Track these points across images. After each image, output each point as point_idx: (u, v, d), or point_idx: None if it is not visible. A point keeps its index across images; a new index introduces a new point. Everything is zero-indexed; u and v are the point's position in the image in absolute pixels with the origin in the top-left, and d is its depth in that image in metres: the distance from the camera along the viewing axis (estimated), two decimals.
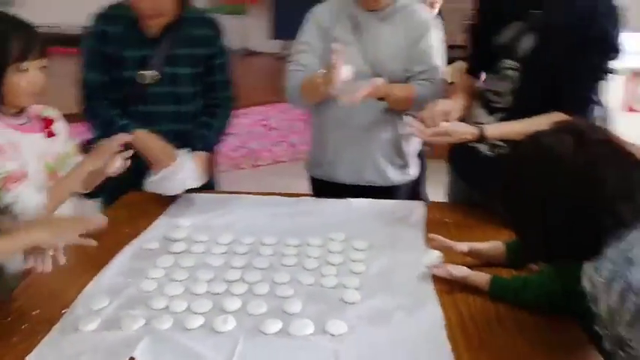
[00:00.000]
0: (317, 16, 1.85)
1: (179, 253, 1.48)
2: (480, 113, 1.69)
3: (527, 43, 1.56)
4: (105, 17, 1.79)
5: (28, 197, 1.34)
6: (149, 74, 1.77)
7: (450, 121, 1.58)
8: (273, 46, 5.82)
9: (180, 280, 1.35)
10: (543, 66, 1.53)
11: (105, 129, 1.73)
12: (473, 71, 1.80)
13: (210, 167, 1.90)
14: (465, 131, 1.55)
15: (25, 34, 1.33)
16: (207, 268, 1.40)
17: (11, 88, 1.32)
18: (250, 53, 5.91)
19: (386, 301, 1.26)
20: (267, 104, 4.40)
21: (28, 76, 1.33)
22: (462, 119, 1.65)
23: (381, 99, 1.76)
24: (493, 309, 1.24)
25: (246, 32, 5.88)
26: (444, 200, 1.94)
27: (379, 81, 1.68)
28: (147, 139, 1.72)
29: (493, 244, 1.42)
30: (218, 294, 1.29)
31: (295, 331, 1.15)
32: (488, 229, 1.60)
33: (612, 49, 1.47)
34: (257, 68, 5.65)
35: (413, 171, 2.00)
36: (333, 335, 1.14)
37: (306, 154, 2.10)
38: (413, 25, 1.81)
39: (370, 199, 1.82)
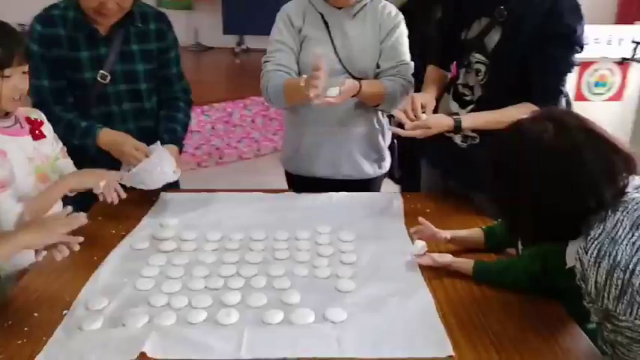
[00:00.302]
0: (287, 14, 1.86)
1: (170, 251, 1.50)
2: (453, 106, 1.78)
3: (494, 37, 1.65)
4: (46, 20, 1.71)
5: (7, 207, 1.33)
6: (106, 73, 1.75)
7: (427, 113, 1.65)
8: (228, 41, 5.80)
9: (177, 278, 1.37)
10: (510, 60, 1.63)
11: (68, 132, 1.70)
12: (441, 64, 1.88)
13: (179, 163, 1.88)
14: (444, 123, 1.62)
15: (9, 39, 1.30)
16: (201, 264, 1.43)
17: None
18: (205, 49, 5.86)
19: (379, 289, 1.32)
20: (228, 100, 4.39)
21: (10, 83, 1.32)
22: (434, 111, 1.74)
23: (353, 95, 1.81)
24: (478, 291, 1.33)
25: (197, 27, 5.82)
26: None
27: (349, 82, 1.73)
28: (117, 140, 1.71)
29: (472, 231, 1.52)
30: (216, 289, 1.32)
31: (297, 320, 1.20)
32: (465, 215, 1.71)
33: (577, 44, 1.59)
34: (214, 64, 5.60)
35: (387, 164, 2.07)
36: (334, 322, 1.20)
37: (269, 149, 2.14)
38: (382, 21, 1.87)
39: (349, 193, 1.89)
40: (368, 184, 2.02)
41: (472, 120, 1.65)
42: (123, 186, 1.60)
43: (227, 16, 5.45)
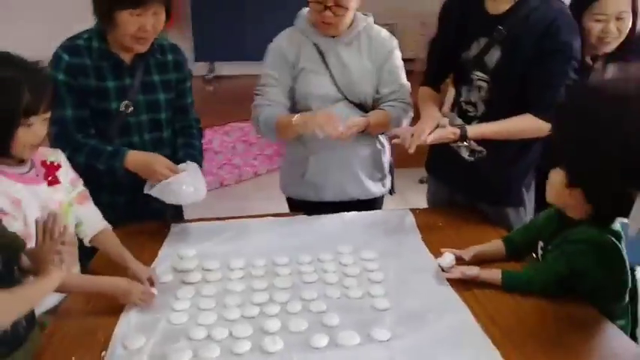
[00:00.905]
0: (280, 49, 1.88)
1: (197, 282, 1.48)
2: (458, 122, 1.82)
3: (494, 56, 1.72)
4: (73, 49, 1.70)
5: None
6: (131, 103, 1.75)
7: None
8: (198, 69, 5.79)
9: (210, 309, 1.35)
10: (511, 76, 1.70)
11: (92, 157, 1.68)
12: (434, 84, 1.94)
13: None
14: (449, 131, 1.68)
15: (40, 84, 1.25)
16: (231, 293, 1.42)
17: (15, 143, 1.25)
18: None
19: (414, 305, 1.35)
20: (206, 128, 4.37)
21: (32, 130, 1.27)
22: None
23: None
24: (511, 299, 1.37)
25: None
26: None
27: (358, 120, 1.80)
28: (148, 160, 1.69)
29: (492, 244, 1.56)
30: (253, 317, 1.32)
31: (344, 342, 1.21)
32: (476, 226, 1.76)
33: (574, 58, 1.67)
34: None
35: (388, 182, 2.11)
36: (380, 342, 1.21)
37: (250, 174, 2.12)
38: (377, 46, 1.91)
39: (359, 212, 1.91)
40: (373, 204, 2.05)
41: (477, 129, 1.70)
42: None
43: (197, 43, 5.44)
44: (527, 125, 1.68)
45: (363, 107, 1.92)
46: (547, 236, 1.44)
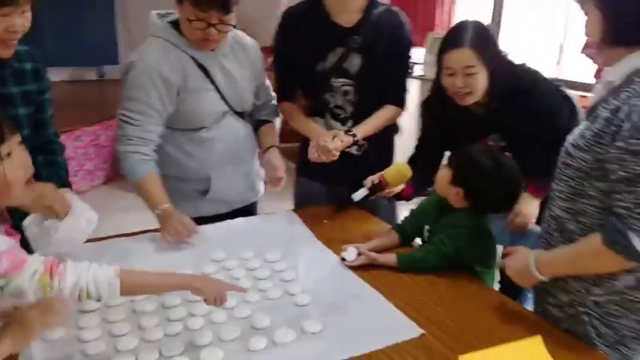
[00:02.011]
0: (158, 71, 1.72)
1: (97, 309, 1.35)
2: (335, 125, 1.99)
3: (355, 62, 1.92)
4: None
5: None
6: None
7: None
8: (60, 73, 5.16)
9: (127, 333, 1.27)
10: (372, 78, 1.93)
11: None
12: (291, 98, 2.06)
13: None
14: (345, 138, 1.85)
15: None
16: (144, 314, 1.34)
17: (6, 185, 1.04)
18: None
19: (331, 296, 1.43)
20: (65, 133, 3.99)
21: (15, 160, 1.05)
22: None
23: None
24: (407, 278, 1.54)
25: None
26: None
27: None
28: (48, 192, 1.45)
29: (387, 234, 1.74)
30: (178, 334, 1.27)
31: (281, 340, 1.24)
32: (357, 219, 1.93)
33: (410, 57, 2.02)
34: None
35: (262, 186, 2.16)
36: (314, 333, 1.27)
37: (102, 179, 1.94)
38: (251, 54, 1.95)
39: (244, 218, 1.94)
40: (251, 209, 2.10)
41: (362, 129, 1.90)
42: None
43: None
44: (391, 114, 1.99)
45: (243, 115, 1.95)
46: (431, 221, 1.66)
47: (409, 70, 2.04)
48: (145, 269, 1.24)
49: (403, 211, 1.97)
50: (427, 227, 1.67)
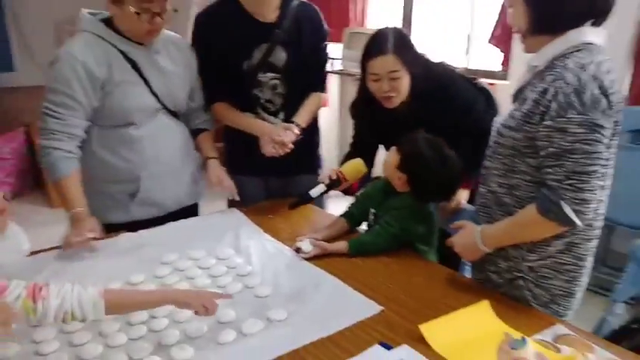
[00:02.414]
0: (82, 63, 1.68)
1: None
2: (268, 118, 2.04)
3: (280, 57, 1.98)
4: None
5: None
6: None
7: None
8: None
9: (86, 342, 1.24)
10: (299, 70, 2.01)
11: None
12: (222, 98, 2.06)
13: None
14: (293, 130, 1.91)
15: None
16: (105, 322, 1.32)
17: None
18: None
19: (290, 285, 1.48)
20: None
21: None
22: None
23: None
24: (359, 261, 1.62)
25: None
26: None
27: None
28: None
29: (336, 222, 1.82)
30: (142, 336, 1.26)
31: (250, 330, 1.27)
32: (300, 210, 1.96)
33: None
34: None
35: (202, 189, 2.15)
36: (280, 321, 1.31)
37: None
38: (191, 59, 1.95)
39: (188, 218, 1.94)
40: (192, 210, 2.07)
41: (299, 119, 1.98)
42: None
43: None
44: (317, 100, 2.10)
45: (176, 115, 1.94)
46: (377, 204, 1.75)
47: (327, 58, 2.16)
48: (97, 276, 1.21)
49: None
50: (372, 210, 1.77)
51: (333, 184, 1.82)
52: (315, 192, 1.81)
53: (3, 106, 4.87)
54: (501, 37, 3.65)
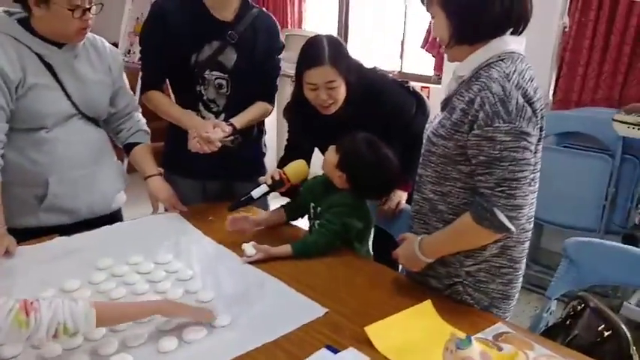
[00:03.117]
0: None
1: None
2: (209, 116, 2.00)
3: (230, 57, 1.95)
4: None
5: None
6: None
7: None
8: None
9: (18, 355, 1.17)
10: (249, 73, 1.98)
11: None
12: (159, 87, 2.03)
13: None
14: (226, 128, 1.88)
15: None
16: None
17: None
18: None
19: (234, 289, 1.45)
20: None
21: None
22: None
23: None
24: (302, 264, 1.62)
25: None
26: None
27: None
28: None
29: (274, 213, 1.88)
30: (79, 346, 1.19)
31: (192, 337, 1.23)
32: (241, 213, 1.91)
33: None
34: None
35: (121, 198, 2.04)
36: (224, 326, 1.28)
37: None
38: (111, 61, 1.86)
39: (124, 222, 1.88)
40: (117, 216, 1.99)
41: (240, 120, 1.95)
42: None
43: None
44: (263, 110, 2.07)
45: (96, 121, 1.86)
46: (318, 199, 1.78)
47: (279, 71, 2.12)
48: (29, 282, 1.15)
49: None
50: (313, 204, 1.80)
51: (275, 185, 1.81)
52: (257, 193, 1.79)
53: None
54: (434, 43, 3.77)
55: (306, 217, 1.89)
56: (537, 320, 1.56)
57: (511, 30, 1.32)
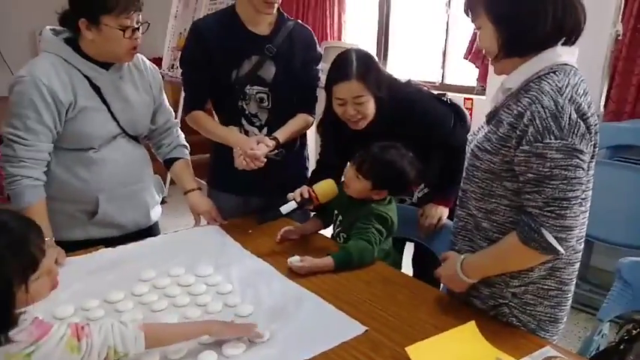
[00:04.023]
0: (48, 87, 1.63)
1: None
2: (252, 130, 2.02)
3: (270, 70, 1.97)
4: None
5: None
6: None
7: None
8: None
9: None
10: (289, 86, 1.99)
11: None
12: (202, 107, 2.05)
13: None
14: (269, 143, 1.88)
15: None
16: None
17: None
18: None
19: (272, 303, 1.45)
20: None
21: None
22: None
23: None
24: (340, 278, 1.60)
25: None
26: None
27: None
28: None
29: (310, 222, 1.90)
30: None
31: (232, 352, 1.23)
32: (281, 225, 1.93)
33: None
34: None
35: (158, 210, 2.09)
36: (263, 342, 1.27)
37: None
38: (152, 79, 1.90)
39: (166, 235, 1.91)
40: (154, 229, 2.03)
41: (281, 135, 1.96)
42: None
43: None
44: (304, 122, 2.06)
45: (137, 139, 1.91)
46: (343, 207, 1.83)
47: (318, 82, 2.11)
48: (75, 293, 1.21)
49: None
50: (336, 212, 1.84)
51: (304, 203, 1.80)
52: (285, 209, 1.78)
53: None
54: (477, 53, 3.70)
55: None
56: (588, 343, 1.48)
57: (563, 40, 1.26)
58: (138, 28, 1.67)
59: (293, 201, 1.79)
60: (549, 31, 1.23)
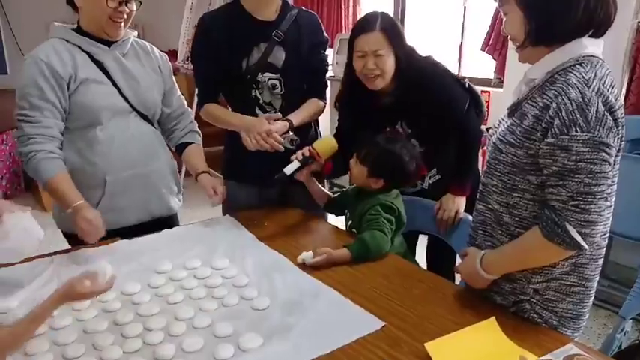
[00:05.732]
0: (47, 64, 1.66)
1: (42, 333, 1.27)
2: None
3: (279, 56, 1.96)
4: None
5: None
6: None
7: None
8: None
9: (81, 355, 1.19)
10: (299, 70, 1.99)
11: None
12: (215, 99, 2.05)
13: None
14: (283, 124, 1.89)
15: None
16: (95, 334, 1.27)
17: None
18: None
19: (289, 296, 1.44)
20: None
21: None
22: None
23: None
24: (355, 271, 1.59)
25: None
26: None
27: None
28: None
29: (321, 192, 1.93)
30: (138, 350, 1.21)
31: (249, 345, 1.22)
32: (294, 216, 1.96)
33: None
34: None
35: (181, 196, 2.08)
36: (281, 334, 1.26)
37: None
38: (161, 63, 1.91)
39: (181, 227, 1.89)
40: (173, 220, 2.02)
41: (297, 116, 1.96)
42: None
43: None
44: (315, 106, 2.05)
45: (150, 120, 1.89)
46: (351, 206, 1.86)
47: (327, 66, 2.12)
48: None
49: None
50: (347, 211, 1.87)
51: (306, 161, 1.83)
52: (289, 169, 1.80)
53: None
54: (495, 45, 3.65)
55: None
56: (610, 341, 1.45)
57: (591, 32, 1.23)
58: (127, 3, 1.69)
59: (295, 161, 1.81)
60: (579, 22, 1.20)
